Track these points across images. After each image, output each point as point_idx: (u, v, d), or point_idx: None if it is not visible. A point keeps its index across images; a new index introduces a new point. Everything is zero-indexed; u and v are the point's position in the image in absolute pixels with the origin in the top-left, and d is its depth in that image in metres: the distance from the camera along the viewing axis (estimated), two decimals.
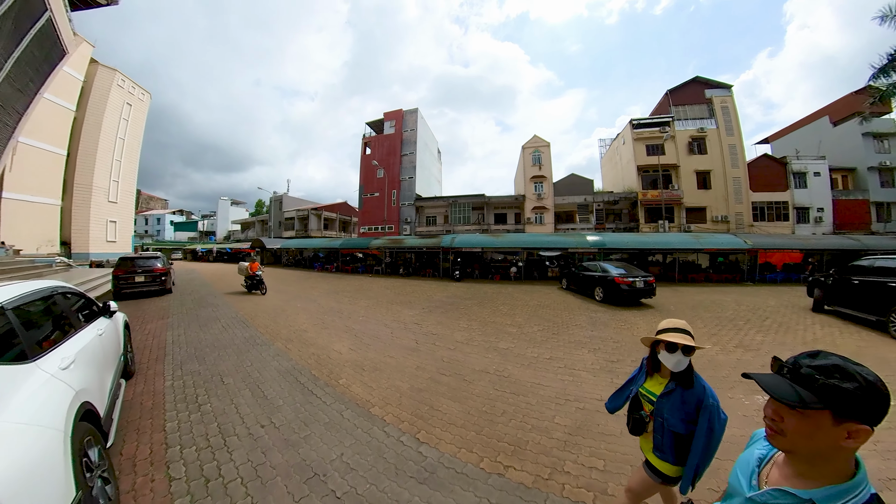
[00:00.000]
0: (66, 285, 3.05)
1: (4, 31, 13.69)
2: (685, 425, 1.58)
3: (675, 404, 1.60)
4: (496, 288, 14.26)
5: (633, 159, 28.58)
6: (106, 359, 3.02)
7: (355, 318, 7.70)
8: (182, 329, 6.77)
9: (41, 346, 2.17)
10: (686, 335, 1.59)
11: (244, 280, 12.16)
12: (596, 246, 17.31)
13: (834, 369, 0.73)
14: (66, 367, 2.13)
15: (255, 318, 7.80)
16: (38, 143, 22.70)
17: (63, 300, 2.80)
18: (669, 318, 1.71)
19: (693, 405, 1.58)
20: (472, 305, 9.87)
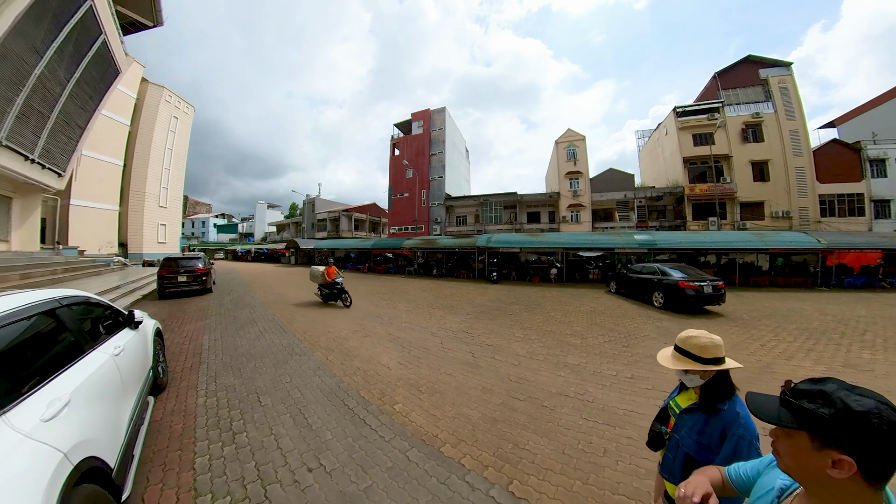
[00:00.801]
0: (79, 294, 2.46)
1: (67, 54, 14.52)
2: (700, 450, 1.35)
3: (695, 426, 1.38)
4: (539, 291, 13.16)
5: (677, 151, 26.27)
6: (126, 383, 2.42)
7: (397, 325, 7.04)
8: (219, 332, 6.41)
9: (20, 387, 1.52)
10: (684, 357, 1.38)
11: (318, 288, 10.11)
12: (645, 246, 15.73)
13: (819, 394, 0.74)
14: (55, 416, 1.48)
15: (292, 322, 7.34)
16: (99, 155, 24.38)
17: (69, 314, 2.19)
18: (688, 330, 1.44)
19: (717, 433, 1.32)
20: (519, 311, 8.91)
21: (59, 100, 14.82)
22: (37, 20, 12.40)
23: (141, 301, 10.60)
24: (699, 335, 1.38)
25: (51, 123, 14.80)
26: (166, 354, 4.87)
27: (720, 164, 25.25)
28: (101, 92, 18.16)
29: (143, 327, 3.34)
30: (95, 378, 1.97)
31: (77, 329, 2.18)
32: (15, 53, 11.96)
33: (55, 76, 14.01)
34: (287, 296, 11.59)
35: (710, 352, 1.33)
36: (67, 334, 2.07)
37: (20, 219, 16.15)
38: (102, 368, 2.11)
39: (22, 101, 12.84)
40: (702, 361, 1.34)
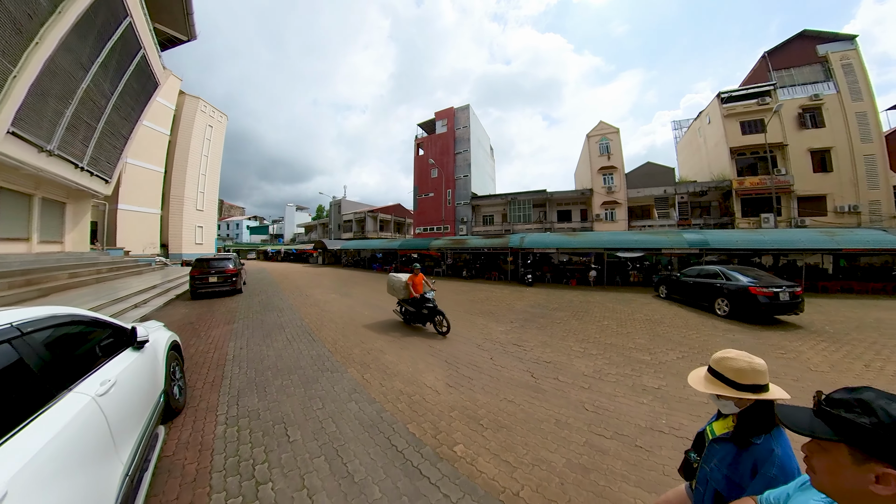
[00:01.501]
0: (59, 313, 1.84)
1: (110, 68, 15.08)
2: (731, 488, 1.16)
3: (725, 459, 1.20)
4: (580, 295, 12.02)
5: (723, 140, 24.04)
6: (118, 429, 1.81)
7: (437, 336, 6.36)
8: (245, 339, 5.96)
9: None
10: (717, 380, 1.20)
11: (399, 306, 7.36)
12: (696, 246, 14.16)
13: (858, 403, 0.69)
14: None
15: (320, 328, 6.80)
16: (143, 163, 25.61)
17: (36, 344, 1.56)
18: (725, 350, 1.25)
19: (748, 470, 1.12)
20: (567, 319, 7.94)
21: (105, 111, 15.40)
22: (82, 37, 12.85)
23: (174, 301, 10.54)
24: (737, 357, 1.21)
25: (97, 133, 15.40)
26: (187, 367, 4.42)
27: (773, 153, 22.81)
28: (143, 103, 18.91)
29: (153, 345, 2.78)
30: (59, 443, 1.34)
31: (43, 365, 1.56)
32: (63, 69, 12.42)
33: (100, 89, 14.54)
34: (315, 298, 11.19)
35: (748, 377, 1.15)
36: (26, 375, 1.45)
37: (72, 222, 16.95)
38: (74, 423, 1.48)
39: (71, 113, 13.37)
40: (737, 387, 1.17)
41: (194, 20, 21.57)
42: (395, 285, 7.25)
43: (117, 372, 2.02)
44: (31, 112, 11.78)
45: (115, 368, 2.05)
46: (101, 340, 2.17)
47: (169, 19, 21.04)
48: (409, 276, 7.04)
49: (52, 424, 1.38)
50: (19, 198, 13.94)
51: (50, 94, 12.32)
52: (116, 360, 2.14)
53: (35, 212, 14.65)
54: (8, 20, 10.31)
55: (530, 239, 16.64)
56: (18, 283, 9.05)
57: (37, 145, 12.41)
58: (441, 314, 6.34)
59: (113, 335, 2.32)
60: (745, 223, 23.18)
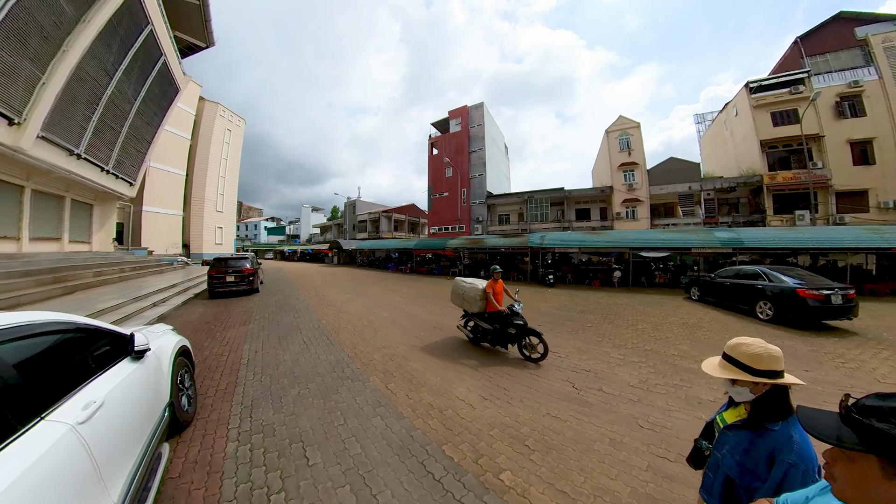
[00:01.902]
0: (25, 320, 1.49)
1: (133, 75, 15.41)
2: (742, 473, 1.13)
3: (739, 445, 1.17)
4: (606, 297, 11.34)
5: (752, 133, 22.74)
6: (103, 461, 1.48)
7: (464, 340, 5.94)
8: (261, 341, 5.72)
9: None
10: (732, 366, 1.19)
11: (467, 320, 5.85)
12: (729, 245, 13.24)
13: (892, 412, 0.64)
14: None
15: (338, 331, 6.46)
16: (165, 166, 26.27)
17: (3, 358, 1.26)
18: (739, 337, 1.24)
19: (764, 456, 1.09)
20: (598, 322, 7.38)
21: (129, 116, 15.74)
22: (106, 44, 13.13)
23: (192, 300, 10.52)
24: (752, 342, 1.18)
25: (122, 137, 15.75)
26: (199, 372, 4.16)
27: (808, 145, 21.40)
28: (164, 108, 19.34)
29: (157, 352, 2.48)
30: (18, 494, 0.99)
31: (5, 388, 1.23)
32: (89, 75, 12.70)
33: (124, 95, 14.86)
34: (331, 298, 10.95)
35: (764, 362, 1.13)
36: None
37: (99, 223, 17.40)
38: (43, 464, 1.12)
39: (97, 118, 13.68)
40: (753, 373, 1.14)
41: (212, 27, 21.99)
42: (466, 294, 5.48)
43: (108, 389, 1.70)
44: (59, 117, 12.04)
45: (107, 385, 1.72)
46: (94, 350, 1.86)
47: (188, 27, 21.50)
48: (486, 283, 5.36)
49: (8, 470, 1.04)
50: (51, 200, 14.35)
51: (77, 100, 12.61)
52: (109, 373, 1.83)
53: (65, 213, 15.07)
54: (36, 29, 10.52)
55: (551, 238, 15.98)
56: (46, 281, 9.18)
57: (66, 149, 12.70)
58: (536, 334, 4.69)
59: (109, 343, 2.02)
60: (778, 221, 21.85)
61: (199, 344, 5.53)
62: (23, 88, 10.48)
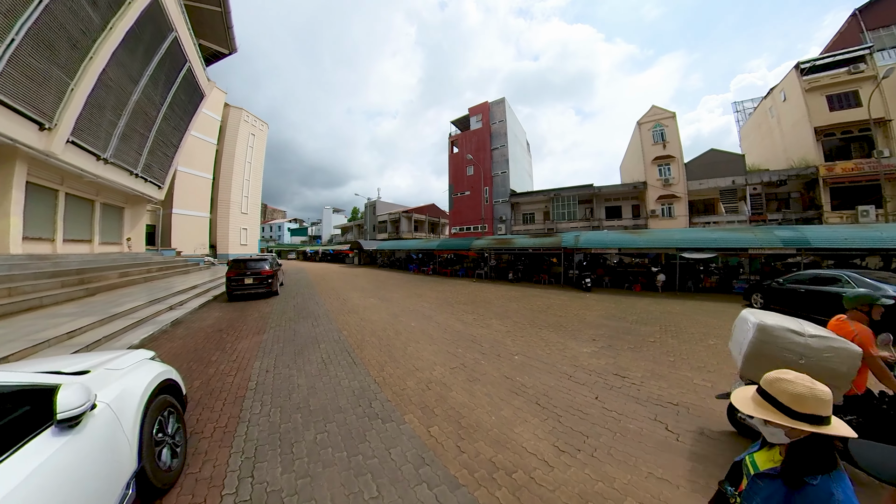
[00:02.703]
0: None
1: (160, 81, 15.51)
2: None
3: (771, 497, 0.98)
4: (653, 304, 10.03)
5: (805, 119, 20.50)
6: None
7: (507, 358, 4.98)
8: (274, 356, 5.06)
9: None
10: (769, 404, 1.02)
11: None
12: (793, 245, 11.62)
13: None
14: None
15: (361, 345, 5.68)
16: (193, 171, 26.90)
17: None
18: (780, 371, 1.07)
19: None
20: (660, 335, 6.28)
21: (155, 121, 15.88)
22: (131, 51, 13.17)
23: (211, 303, 10.19)
24: (796, 379, 1.01)
25: (149, 142, 15.90)
26: (199, 399, 3.57)
27: (871, 132, 19.02)
28: (190, 113, 19.56)
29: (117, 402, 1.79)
30: None
31: None
32: (116, 82, 12.76)
33: (151, 101, 14.96)
34: (353, 303, 10.27)
35: (808, 405, 0.96)
36: None
37: (130, 225, 17.72)
38: None
39: (124, 123, 13.79)
40: (792, 415, 0.97)
41: (234, 34, 22.13)
42: (783, 349, 2.61)
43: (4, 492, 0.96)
44: (88, 122, 12.10)
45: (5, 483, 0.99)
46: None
47: (211, 34, 21.72)
48: (846, 328, 2.65)
49: None
50: (83, 203, 14.61)
51: (105, 106, 12.68)
52: (17, 458, 1.10)
53: (96, 216, 15.34)
54: (65, 36, 10.50)
55: (587, 238, 14.68)
56: (72, 282, 9.09)
57: (94, 154, 12.81)
58: None
59: (29, 401, 1.29)
60: (836, 217, 19.62)
61: (206, 358, 5.00)
62: (53, 94, 10.51)
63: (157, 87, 15.65)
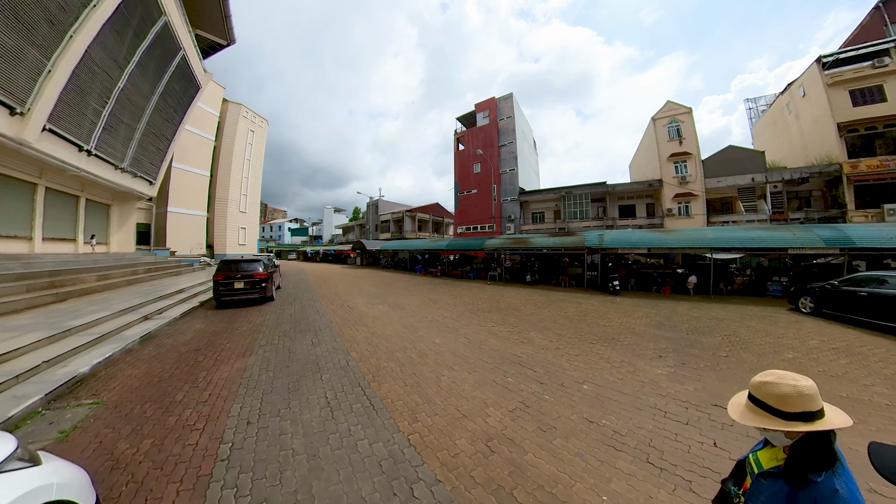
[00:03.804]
0: None
1: (149, 69, 14.19)
2: None
3: (776, 496, 0.96)
4: (696, 309, 8.75)
5: (827, 115, 19.44)
6: None
7: (573, 388, 3.81)
8: (259, 394, 3.70)
9: None
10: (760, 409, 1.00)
11: None
12: (835, 244, 10.50)
13: None
14: None
15: (378, 376, 4.20)
16: (190, 167, 25.54)
17: None
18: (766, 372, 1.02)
19: None
20: (729, 349, 5.23)
21: (145, 112, 14.59)
22: (118, 34, 11.93)
23: (196, 310, 8.89)
24: (779, 381, 0.97)
25: (138, 134, 14.60)
26: (140, 482, 2.29)
27: None
28: (185, 105, 18.27)
29: None
30: None
31: None
32: (100, 67, 11.51)
33: (138, 89, 13.67)
34: (360, 311, 8.84)
35: (794, 404, 0.94)
36: None
37: (118, 224, 16.40)
38: None
39: (109, 112, 12.50)
40: (784, 417, 0.95)
41: (232, 23, 20.84)
42: None
43: None
44: (68, 109, 10.83)
45: None
46: None
47: (208, 24, 20.46)
48: None
49: None
50: (66, 199, 13.31)
51: (87, 92, 11.43)
52: None
53: (81, 213, 14.02)
54: (40, 11, 9.23)
55: (612, 237, 13.43)
56: (39, 286, 7.85)
57: (76, 144, 11.54)
58: None
59: None
60: (861, 216, 18.56)
61: (168, 396, 3.70)
62: (26, 76, 9.24)
63: (147, 74, 14.35)
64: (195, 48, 17.55)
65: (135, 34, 12.80)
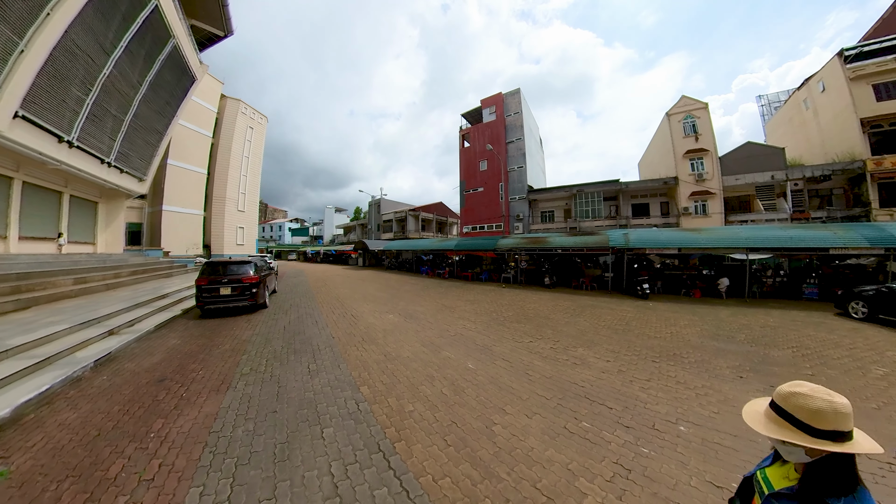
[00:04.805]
0: None
1: (139, 57, 12.94)
2: None
3: None
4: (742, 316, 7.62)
5: (849, 110, 18.50)
6: None
7: (669, 432, 2.85)
8: (230, 467, 2.46)
9: None
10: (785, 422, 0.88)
11: None
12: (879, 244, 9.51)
13: None
14: None
15: (402, 425, 3.04)
16: (186, 165, 24.36)
17: None
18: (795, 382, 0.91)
19: None
20: (815, 367, 4.34)
21: (133, 103, 13.42)
22: (102, 16, 10.82)
23: (176, 320, 7.65)
24: (812, 393, 0.86)
25: (125, 127, 13.44)
26: None
27: None
28: (178, 98, 17.11)
29: None
30: None
31: None
32: (82, 50, 10.39)
33: (126, 78, 12.52)
34: (367, 321, 7.55)
35: (827, 421, 0.83)
36: None
37: (105, 222, 15.23)
38: None
39: (92, 101, 11.35)
40: (811, 433, 0.84)
41: (230, 13, 19.69)
42: None
43: None
44: (46, 95, 9.69)
45: None
46: None
47: (204, 13, 19.33)
48: None
49: None
50: (47, 195, 12.14)
51: (68, 78, 10.29)
52: None
53: (64, 210, 12.85)
54: None
55: (638, 237, 12.35)
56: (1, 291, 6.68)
57: (55, 134, 10.40)
58: None
59: None
60: (885, 214, 17.61)
61: (103, 464, 2.51)
62: None
63: (136, 62, 13.21)
64: (189, 37, 16.41)
65: (123, 18, 11.69)
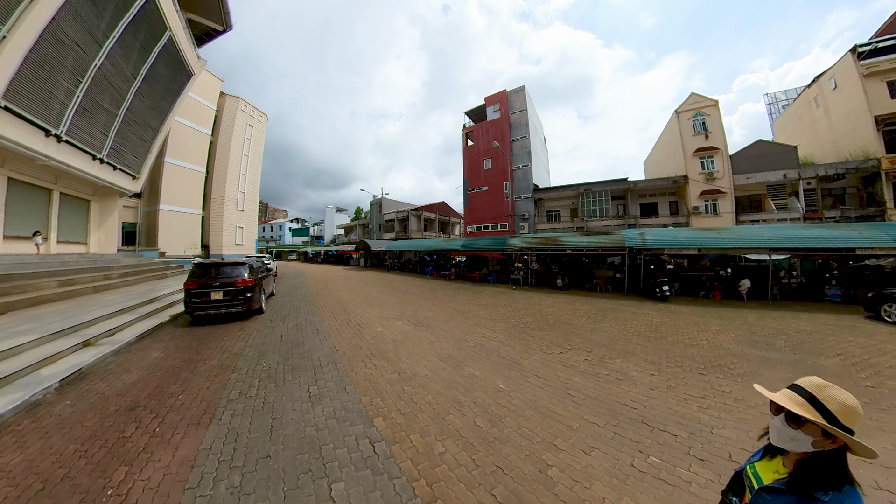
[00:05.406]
0: None
1: (133, 49, 12.29)
2: None
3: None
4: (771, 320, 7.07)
5: (862, 108, 17.98)
6: None
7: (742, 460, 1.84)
8: None
9: None
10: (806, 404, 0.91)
11: None
12: None
13: None
14: None
15: (434, 476, 2.31)
16: (184, 163, 23.67)
17: None
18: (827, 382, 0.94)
19: None
20: (875, 379, 3.85)
21: (127, 97, 12.75)
22: (93, 4, 10.19)
23: (162, 328, 6.87)
24: (846, 392, 0.90)
25: (118, 121, 12.76)
26: None
27: None
28: (174, 93, 16.44)
29: None
30: None
31: None
32: (71, 38, 9.74)
33: (119, 71, 11.86)
34: (373, 329, 6.73)
35: (852, 419, 0.87)
36: None
37: (98, 222, 14.56)
38: None
39: (82, 93, 10.70)
40: (834, 423, 0.87)
41: (228, 6, 19.01)
42: None
43: None
44: (31, 86, 9.04)
45: None
46: None
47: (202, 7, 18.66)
48: None
49: None
50: (35, 192, 11.48)
51: (56, 67, 9.64)
52: None
53: (54, 209, 12.19)
54: None
55: (656, 236, 11.77)
56: None
57: (42, 127, 9.76)
58: None
59: None
60: None
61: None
62: None
63: (130, 54, 12.55)
64: (186, 31, 15.77)
65: (115, 8, 11.05)
